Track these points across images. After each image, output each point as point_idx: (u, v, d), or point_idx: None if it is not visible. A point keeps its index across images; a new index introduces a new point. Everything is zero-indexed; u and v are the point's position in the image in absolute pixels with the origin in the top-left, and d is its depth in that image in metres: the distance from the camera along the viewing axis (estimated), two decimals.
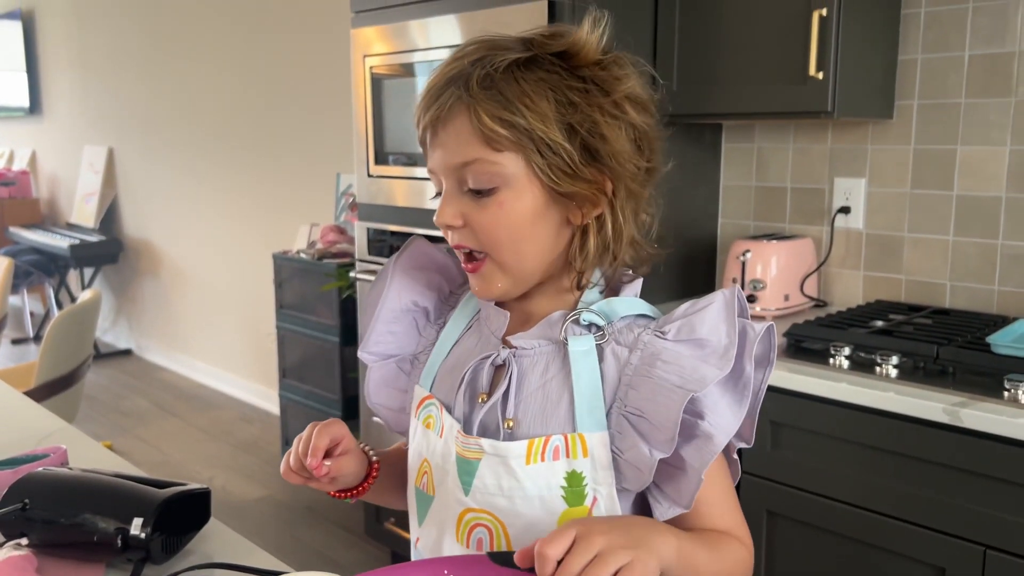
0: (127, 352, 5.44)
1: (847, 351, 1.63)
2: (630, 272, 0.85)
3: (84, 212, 5.45)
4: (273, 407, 3.97)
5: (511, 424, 0.80)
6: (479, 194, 0.77)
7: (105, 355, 5.31)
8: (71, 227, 5.58)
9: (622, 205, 0.79)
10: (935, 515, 1.45)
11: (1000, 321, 1.77)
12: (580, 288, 0.81)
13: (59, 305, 5.56)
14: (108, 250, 5.26)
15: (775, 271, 2.02)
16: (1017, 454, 1.34)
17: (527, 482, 0.78)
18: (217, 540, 1.03)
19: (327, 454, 0.85)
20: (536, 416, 0.79)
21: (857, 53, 1.82)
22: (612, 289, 0.85)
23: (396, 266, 0.91)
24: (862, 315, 1.87)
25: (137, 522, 0.90)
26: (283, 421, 3.54)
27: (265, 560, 0.97)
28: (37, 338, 5.59)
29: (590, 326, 0.80)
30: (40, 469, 1.01)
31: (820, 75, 1.78)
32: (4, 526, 0.96)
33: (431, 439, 0.86)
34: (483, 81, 0.74)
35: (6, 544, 0.96)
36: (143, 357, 5.34)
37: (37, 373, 2.58)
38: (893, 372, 1.55)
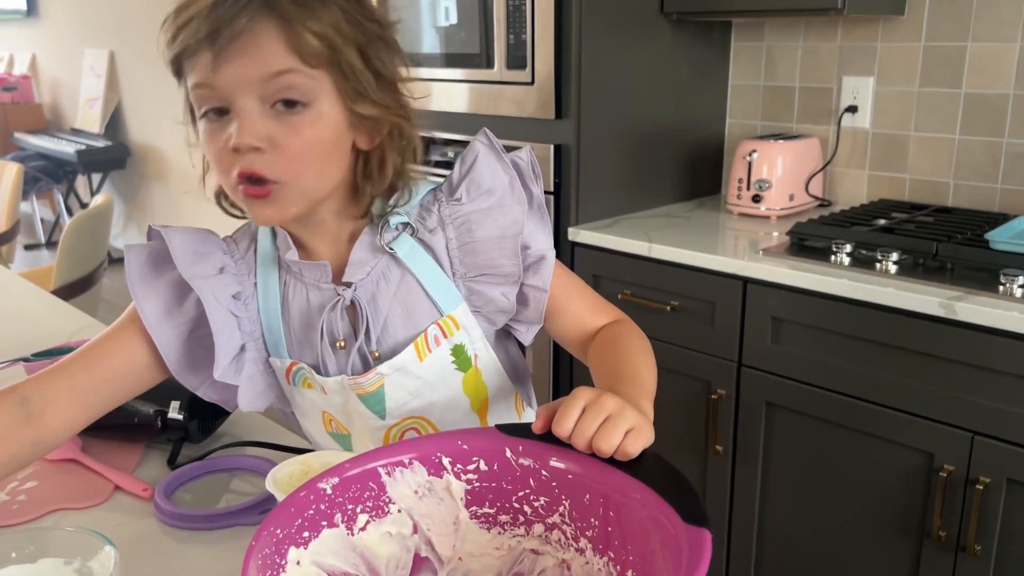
0: None
1: (848, 248, 1.66)
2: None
3: (88, 117, 5.42)
4: None
5: (377, 355, 0.86)
6: (289, 111, 0.74)
7: (118, 260, 5.37)
8: (76, 132, 5.56)
9: (401, 132, 0.81)
10: (927, 404, 1.51)
11: (1001, 219, 1.79)
12: (367, 215, 0.84)
13: (69, 211, 5.60)
14: (115, 155, 5.25)
15: (781, 171, 2.03)
16: (1007, 345, 1.39)
17: (427, 374, 0.87)
18: (247, 423, 1.09)
19: None
20: (405, 322, 0.85)
21: None
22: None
23: (193, 277, 0.83)
24: (865, 214, 1.90)
25: (175, 405, 0.96)
26: None
27: (293, 440, 1.04)
28: (49, 244, 5.65)
29: (398, 225, 0.84)
30: None
31: None
32: None
33: (318, 397, 0.89)
34: None
35: None
36: None
37: (55, 276, 2.64)
38: (893, 268, 1.59)
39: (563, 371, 2.09)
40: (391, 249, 0.83)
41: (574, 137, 1.95)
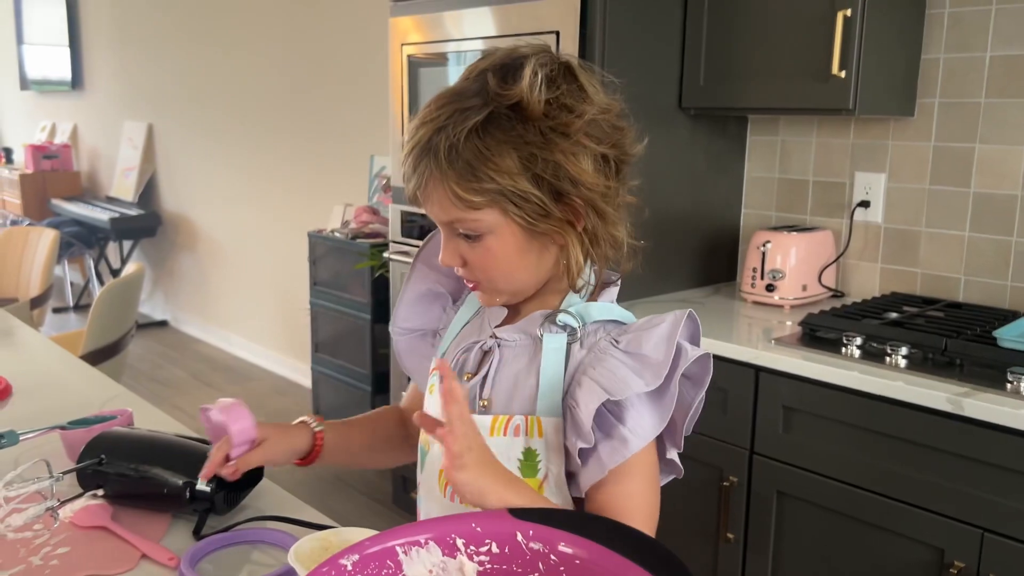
0: (163, 323, 5.60)
1: (859, 341, 1.70)
2: (615, 274, 0.97)
3: (124, 186, 5.60)
4: (305, 380, 4.10)
5: (485, 403, 0.94)
6: (468, 239, 0.89)
7: (142, 326, 5.47)
8: (111, 200, 5.74)
9: (595, 223, 0.89)
10: (936, 499, 1.52)
11: (1011, 316, 1.83)
12: (572, 289, 0.93)
13: (99, 276, 5.73)
14: (147, 223, 5.41)
15: (794, 261, 2.08)
16: (1016, 443, 1.41)
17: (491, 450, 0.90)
18: (270, 497, 1.13)
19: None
20: (506, 397, 0.93)
21: (880, 52, 1.88)
22: (601, 286, 0.95)
23: (419, 256, 1.06)
24: (876, 306, 1.94)
25: None
26: (315, 393, 3.66)
27: (313, 515, 1.07)
28: (77, 307, 5.77)
29: (565, 326, 0.92)
30: (113, 429, 1.12)
31: (843, 74, 1.83)
32: (83, 479, 1.07)
33: (433, 403, 0.99)
34: (449, 154, 0.84)
35: (84, 495, 1.07)
36: (179, 329, 5.49)
37: (85, 341, 2.71)
38: (902, 362, 1.62)
39: None
40: (541, 336, 0.92)
41: None
